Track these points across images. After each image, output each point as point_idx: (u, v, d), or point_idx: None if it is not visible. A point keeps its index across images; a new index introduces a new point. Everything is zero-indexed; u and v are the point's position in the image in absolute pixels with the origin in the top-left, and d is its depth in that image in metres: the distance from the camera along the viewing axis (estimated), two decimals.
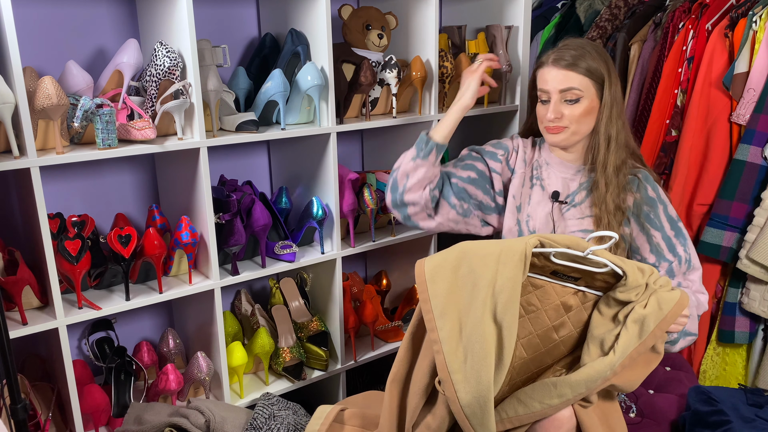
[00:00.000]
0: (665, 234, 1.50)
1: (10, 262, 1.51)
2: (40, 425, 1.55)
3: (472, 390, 1.12)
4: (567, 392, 1.17)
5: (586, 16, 2.36)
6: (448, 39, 2.08)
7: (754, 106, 1.74)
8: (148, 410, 1.57)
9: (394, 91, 1.85)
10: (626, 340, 1.17)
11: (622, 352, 1.17)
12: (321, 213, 1.79)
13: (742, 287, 1.85)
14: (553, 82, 1.49)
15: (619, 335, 1.18)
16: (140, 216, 1.86)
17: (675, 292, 1.20)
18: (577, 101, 1.48)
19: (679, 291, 1.21)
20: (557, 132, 1.51)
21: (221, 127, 1.72)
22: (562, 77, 1.48)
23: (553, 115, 1.49)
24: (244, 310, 1.98)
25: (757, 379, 1.90)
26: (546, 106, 1.52)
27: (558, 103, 1.49)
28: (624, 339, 1.17)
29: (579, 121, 1.49)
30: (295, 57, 1.79)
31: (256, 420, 1.56)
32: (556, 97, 1.49)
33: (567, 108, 1.49)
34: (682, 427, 1.56)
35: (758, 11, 1.74)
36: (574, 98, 1.48)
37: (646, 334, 1.17)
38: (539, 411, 1.18)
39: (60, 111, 1.37)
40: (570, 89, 1.47)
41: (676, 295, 1.19)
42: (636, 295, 1.19)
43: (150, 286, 1.65)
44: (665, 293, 1.20)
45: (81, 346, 1.83)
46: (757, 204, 1.76)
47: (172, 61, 1.49)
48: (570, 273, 1.25)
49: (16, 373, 1.22)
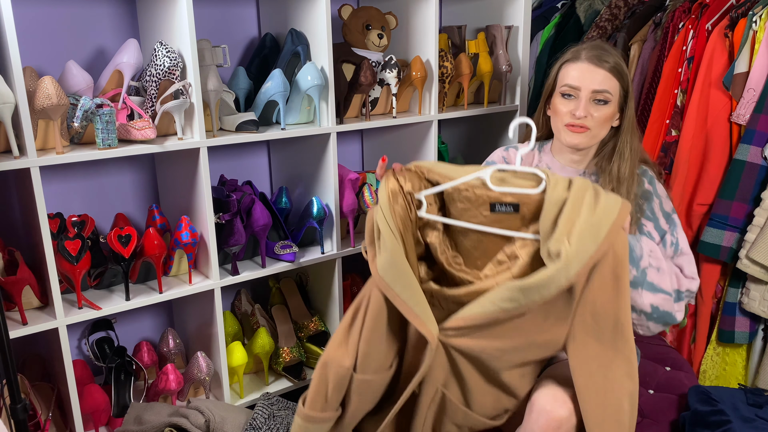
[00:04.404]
0: (657, 224, 1.48)
1: (10, 262, 1.51)
2: (40, 425, 1.55)
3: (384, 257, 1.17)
4: (519, 297, 1.11)
5: (586, 16, 2.36)
6: (448, 39, 2.08)
7: (754, 106, 1.74)
8: (148, 410, 1.57)
9: (394, 91, 1.85)
10: (578, 248, 1.09)
11: (576, 255, 1.09)
12: (321, 213, 1.79)
13: (742, 287, 1.85)
14: (588, 79, 1.43)
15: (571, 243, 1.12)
16: (140, 216, 1.86)
17: (615, 196, 1.15)
18: (606, 103, 1.44)
19: (616, 196, 1.16)
20: (580, 131, 1.45)
21: (221, 127, 1.72)
22: (601, 77, 1.43)
23: (583, 112, 1.43)
24: (244, 310, 1.98)
25: (757, 379, 1.89)
26: (569, 101, 1.46)
27: (588, 102, 1.43)
28: (576, 246, 1.09)
29: (601, 125, 1.45)
30: (295, 57, 1.79)
31: (255, 420, 1.56)
32: (587, 95, 1.43)
33: (595, 109, 1.44)
34: (682, 427, 1.56)
35: (758, 11, 1.74)
36: (605, 100, 1.44)
37: (600, 239, 1.09)
38: (491, 312, 1.13)
39: (60, 111, 1.37)
40: (604, 91, 1.43)
41: (618, 198, 1.14)
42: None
43: (150, 286, 1.65)
44: (608, 198, 1.14)
45: (81, 346, 1.83)
46: (757, 204, 1.76)
47: (172, 61, 1.49)
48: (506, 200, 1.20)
49: (16, 373, 1.22)
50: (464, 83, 2.00)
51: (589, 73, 1.44)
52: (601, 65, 1.44)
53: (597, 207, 1.12)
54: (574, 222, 1.11)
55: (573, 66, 1.47)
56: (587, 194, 1.13)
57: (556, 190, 1.14)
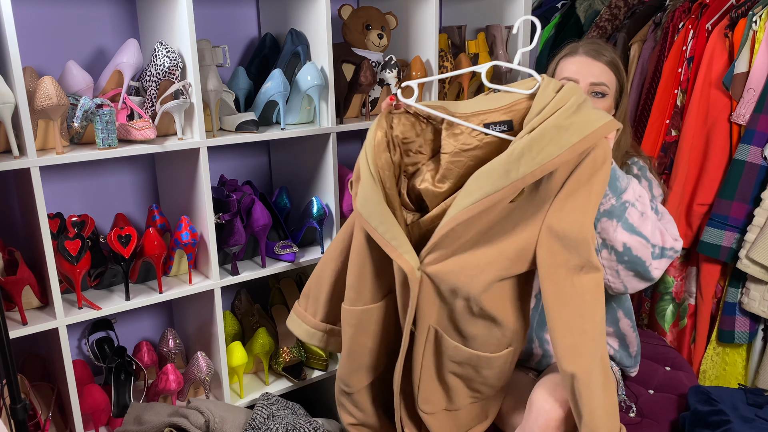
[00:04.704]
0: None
1: (10, 262, 1.51)
2: (40, 425, 1.55)
3: (361, 193, 1.21)
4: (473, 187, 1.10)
5: (586, 16, 2.36)
6: (448, 39, 2.08)
7: (754, 106, 1.74)
8: (148, 410, 1.57)
9: (394, 91, 1.85)
10: (534, 142, 1.05)
11: (528, 151, 1.05)
12: (321, 213, 1.79)
13: (742, 287, 1.85)
14: (587, 72, 1.45)
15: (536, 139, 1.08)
16: (140, 216, 1.86)
17: (604, 113, 1.12)
18: (603, 96, 1.46)
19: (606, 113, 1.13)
20: None
21: (221, 127, 1.72)
22: (599, 70, 1.45)
23: None
24: (244, 310, 1.98)
25: (757, 379, 1.89)
26: None
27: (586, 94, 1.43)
28: (532, 139, 1.05)
29: None
30: (295, 57, 1.79)
31: (255, 420, 1.56)
32: (585, 87, 1.45)
33: (592, 101, 1.43)
34: (682, 427, 1.56)
35: (758, 11, 1.74)
36: (602, 93, 1.46)
37: (565, 145, 1.06)
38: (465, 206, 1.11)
39: (60, 111, 1.37)
40: (601, 83, 1.45)
41: (605, 115, 1.11)
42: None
43: (150, 286, 1.65)
44: (593, 112, 1.10)
45: (81, 346, 1.83)
46: (757, 204, 1.76)
47: (172, 61, 1.49)
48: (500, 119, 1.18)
49: (16, 373, 1.22)
50: (464, 83, 2.00)
51: (587, 67, 1.46)
52: (599, 58, 1.46)
53: (575, 114, 1.09)
54: (545, 119, 1.08)
55: (571, 60, 1.49)
56: (571, 99, 1.11)
57: (545, 92, 1.13)
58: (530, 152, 1.06)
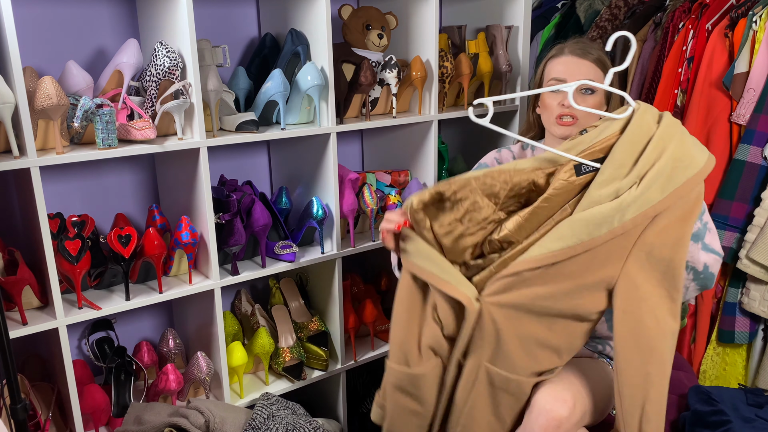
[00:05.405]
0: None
1: (10, 262, 1.51)
2: (40, 425, 1.55)
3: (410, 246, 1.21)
4: (567, 233, 1.08)
5: (586, 16, 2.36)
6: (448, 39, 2.08)
7: (754, 106, 1.74)
8: (148, 410, 1.57)
9: (394, 91, 1.85)
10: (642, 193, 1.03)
11: (635, 201, 1.04)
12: (321, 213, 1.79)
13: (742, 287, 1.85)
14: (574, 71, 1.47)
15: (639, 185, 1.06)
16: (140, 216, 1.86)
17: (702, 147, 1.07)
18: (592, 93, 1.47)
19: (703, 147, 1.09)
20: (570, 124, 1.48)
21: (221, 127, 1.72)
22: (586, 68, 1.47)
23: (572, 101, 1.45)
24: (244, 310, 1.98)
25: (757, 379, 1.89)
26: (557, 94, 1.48)
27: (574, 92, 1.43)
28: (641, 191, 1.04)
29: (588, 115, 1.47)
30: (295, 57, 1.79)
31: (254, 420, 1.56)
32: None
33: (581, 99, 1.47)
34: (682, 427, 1.56)
35: (758, 11, 1.74)
36: (591, 89, 1.47)
37: (670, 189, 1.04)
38: (557, 249, 1.09)
39: (60, 111, 1.37)
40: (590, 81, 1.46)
41: (705, 151, 1.06)
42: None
43: (150, 286, 1.65)
44: (695, 147, 1.05)
45: (81, 346, 1.83)
46: (757, 204, 1.76)
47: (172, 61, 1.49)
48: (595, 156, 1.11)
49: (16, 373, 1.22)
50: (464, 83, 2.00)
51: (574, 65, 1.48)
52: (585, 57, 1.48)
53: (680, 153, 1.06)
54: (653, 163, 1.06)
55: (558, 60, 1.51)
56: (676, 135, 1.08)
57: (644, 117, 1.09)
58: (635, 202, 1.05)
